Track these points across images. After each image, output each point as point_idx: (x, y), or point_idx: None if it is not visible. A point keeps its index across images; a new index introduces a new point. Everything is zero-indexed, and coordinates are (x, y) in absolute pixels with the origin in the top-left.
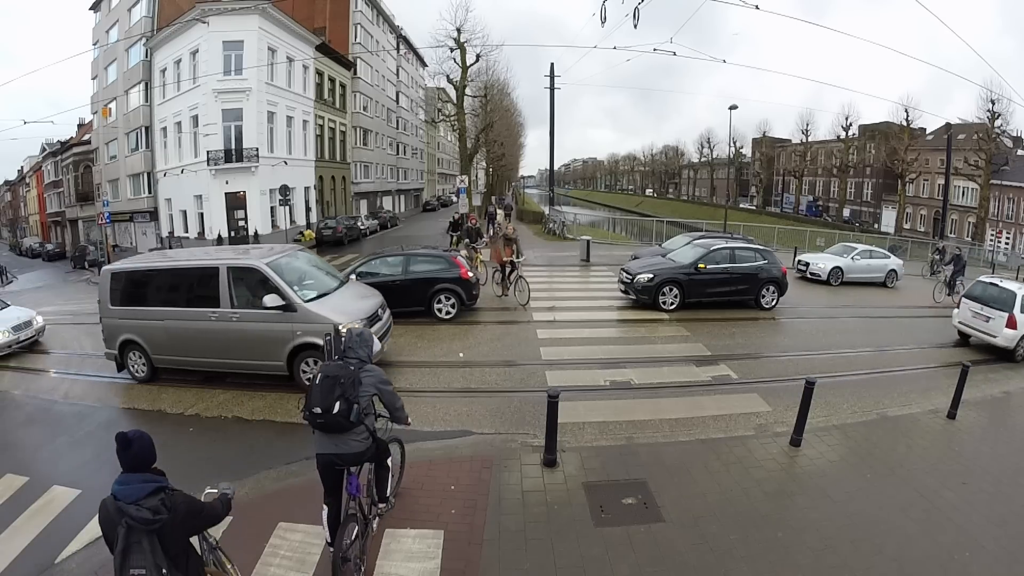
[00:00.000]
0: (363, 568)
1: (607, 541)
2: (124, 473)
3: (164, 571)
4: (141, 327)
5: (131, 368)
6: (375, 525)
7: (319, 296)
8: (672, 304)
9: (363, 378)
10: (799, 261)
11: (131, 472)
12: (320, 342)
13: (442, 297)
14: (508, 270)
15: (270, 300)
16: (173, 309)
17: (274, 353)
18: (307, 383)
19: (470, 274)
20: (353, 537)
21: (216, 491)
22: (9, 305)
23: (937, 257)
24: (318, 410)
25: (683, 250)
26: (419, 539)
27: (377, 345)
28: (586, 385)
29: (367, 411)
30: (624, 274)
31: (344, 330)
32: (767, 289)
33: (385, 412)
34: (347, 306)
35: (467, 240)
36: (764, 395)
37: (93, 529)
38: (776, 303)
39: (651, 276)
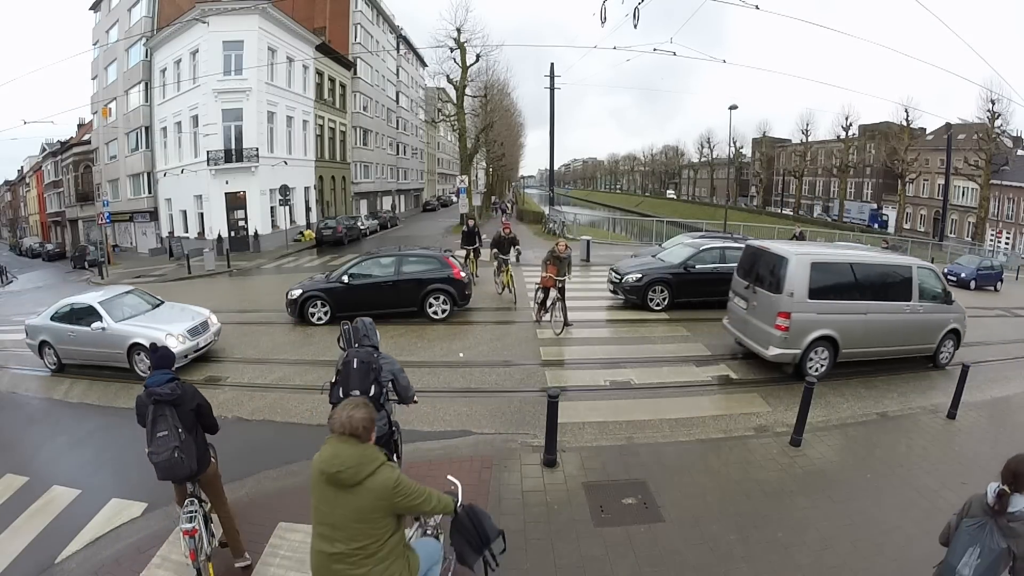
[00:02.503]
0: None
1: (607, 541)
2: (152, 371)
3: (180, 430)
4: (840, 321)
5: (808, 368)
6: None
7: None
8: (661, 304)
9: (382, 364)
10: None
11: (157, 370)
12: (959, 327)
13: (433, 298)
14: (549, 293)
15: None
16: (875, 303)
17: (931, 338)
18: (945, 365)
19: (462, 274)
20: None
21: None
22: (163, 303)
23: None
24: (356, 393)
25: (673, 250)
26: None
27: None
28: (586, 385)
29: (386, 395)
30: (613, 274)
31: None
32: None
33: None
34: None
35: (495, 251)
36: (764, 395)
37: (93, 529)
38: None
39: (639, 276)
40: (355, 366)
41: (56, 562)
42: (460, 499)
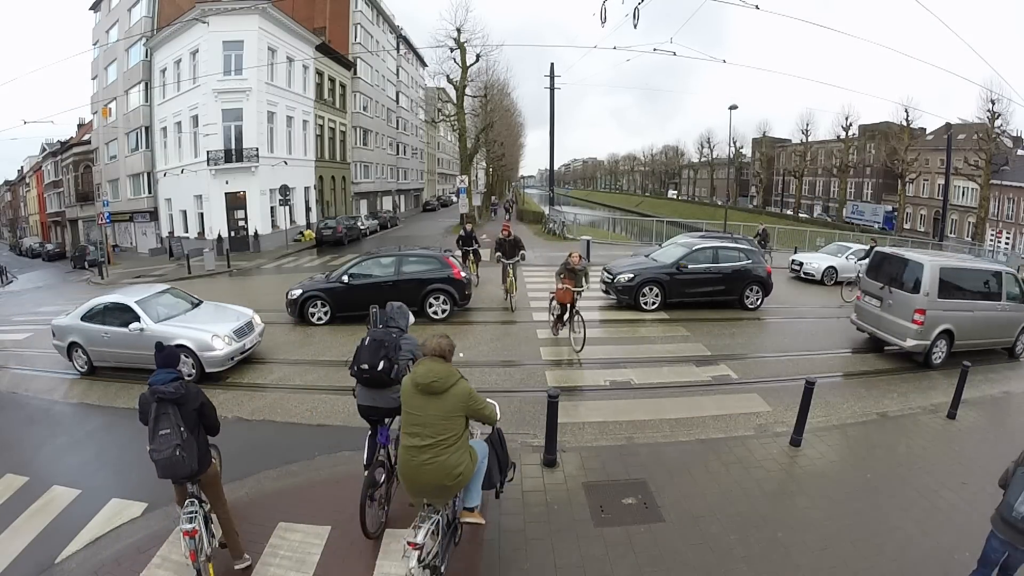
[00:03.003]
0: (387, 508)
1: (607, 541)
2: (157, 370)
3: (182, 429)
4: (957, 317)
5: (932, 357)
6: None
7: None
8: (653, 304)
9: (402, 344)
10: (793, 261)
11: (162, 368)
12: None
13: (433, 298)
14: (566, 308)
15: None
16: (978, 302)
17: (1011, 332)
18: (1020, 355)
19: (463, 274)
20: (381, 480)
21: None
22: (202, 302)
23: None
24: (365, 366)
25: (666, 250)
26: None
27: (411, 319)
28: (586, 385)
29: (403, 373)
30: (605, 274)
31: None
32: (751, 289)
33: None
34: None
35: (498, 253)
36: (764, 395)
37: (93, 529)
38: (761, 303)
39: (631, 276)
40: (366, 343)
41: (56, 562)
42: (499, 416)
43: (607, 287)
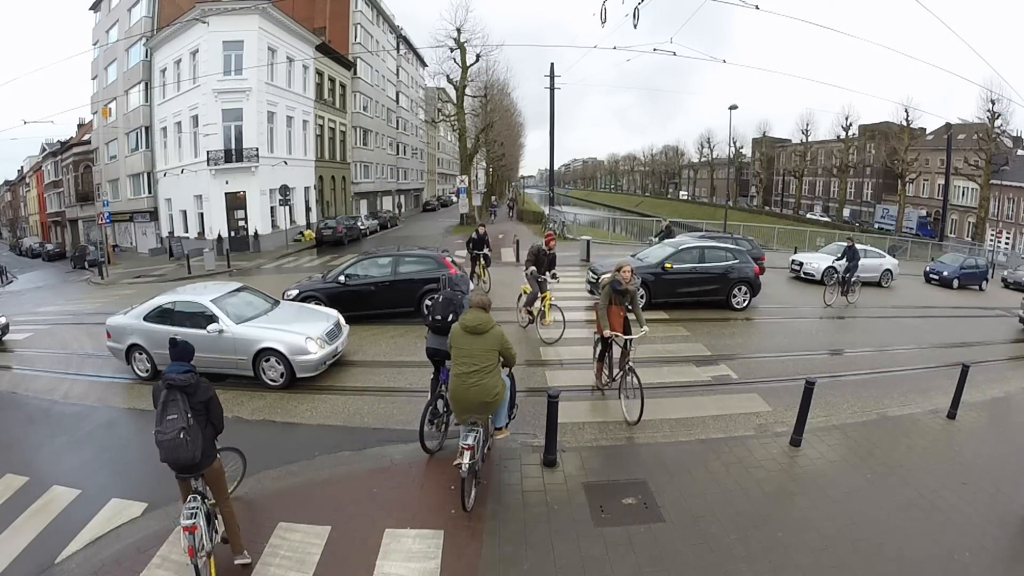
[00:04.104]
0: (445, 433)
1: (607, 541)
2: (172, 363)
3: (188, 416)
4: None
5: None
6: None
7: None
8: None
9: (465, 303)
10: (793, 261)
11: (176, 362)
12: None
13: (429, 298)
14: (612, 347)
15: None
16: None
17: None
18: None
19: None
20: (441, 410)
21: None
22: (280, 302)
23: (655, 240)
24: (439, 317)
25: (652, 250)
26: (419, 539)
27: (472, 285)
28: (587, 385)
29: None
30: (591, 274)
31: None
32: (738, 289)
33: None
34: None
35: (532, 268)
36: (764, 395)
37: (93, 529)
38: (748, 304)
39: None
40: (439, 301)
41: (56, 562)
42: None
43: (592, 287)
